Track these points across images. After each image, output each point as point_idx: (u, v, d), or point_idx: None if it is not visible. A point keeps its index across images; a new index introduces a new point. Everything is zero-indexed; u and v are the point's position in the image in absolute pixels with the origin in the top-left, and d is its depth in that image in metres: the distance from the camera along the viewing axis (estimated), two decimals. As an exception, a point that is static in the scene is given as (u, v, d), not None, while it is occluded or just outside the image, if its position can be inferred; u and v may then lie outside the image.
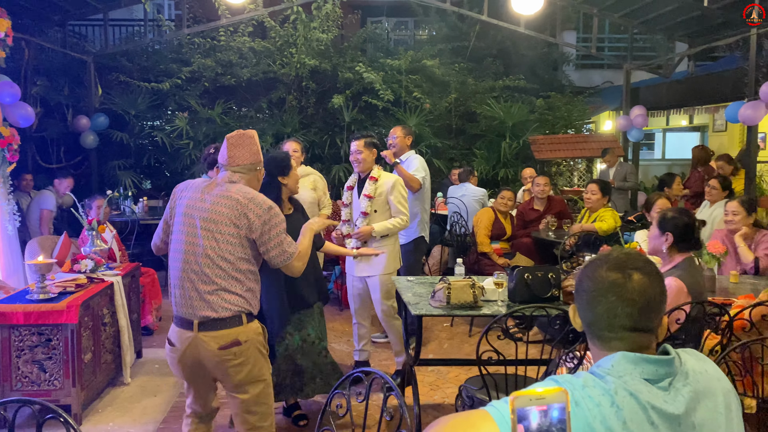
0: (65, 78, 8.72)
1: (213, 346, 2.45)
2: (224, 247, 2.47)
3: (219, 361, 2.47)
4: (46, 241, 5.34)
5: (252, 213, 2.49)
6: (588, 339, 1.42)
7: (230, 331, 2.45)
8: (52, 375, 3.60)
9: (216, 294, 2.45)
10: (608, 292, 1.35)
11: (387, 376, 1.76)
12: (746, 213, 4.22)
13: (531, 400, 1.01)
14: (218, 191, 2.53)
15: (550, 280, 3.43)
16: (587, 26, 12.42)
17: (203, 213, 2.51)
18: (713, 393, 1.36)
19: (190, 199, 2.57)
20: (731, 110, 6.76)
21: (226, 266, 2.46)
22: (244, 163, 2.61)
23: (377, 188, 4.30)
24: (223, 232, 2.47)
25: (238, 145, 2.62)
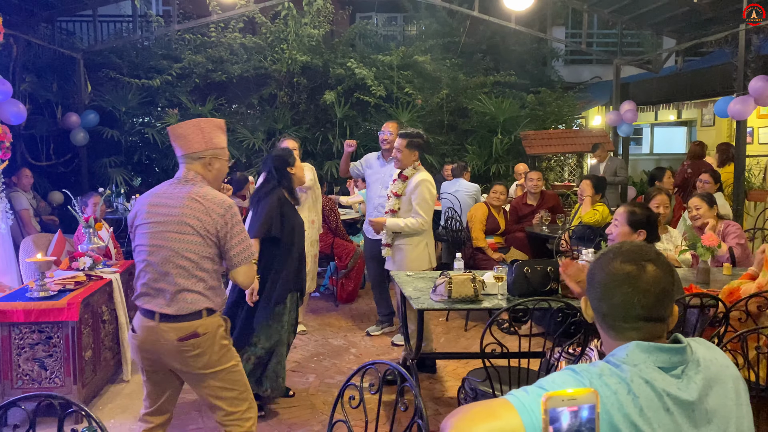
0: (54, 75, 8.65)
1: (172, 336, 2.49)
2: (187, 247, 2.49)
3: (177, 351, 2.51)
4: (40, 239, 5.31)
5: (214, 213, 2.48)
6: (601, 330, 1.45)
7: (190, 324, 2.49)
8: (53, 373, 3.60)
9: (178, 294, 2.48)
10: (623, 283, 1.38)
11: (401, 368, 1.79)
12: (708, 206, 4.34)
13: (563, 400, 1.04)
14: (179, 192, 2.53)
15: (549, 273, 3.47)
16: (576, 22, 12.50)
17: (162, 215, 2.52)
18: (723, 380, 1.40)
19: (152, 204, 2.56)
20: (721, 105, 6.85)
21: (188, 265, 2.49)
22: (187, 152, 2.57)
23: (405, 187, 4.34)
24: (187, 232, 2.48)
25: (178, 135, 2.58)
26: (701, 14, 7.42)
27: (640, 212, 3.18)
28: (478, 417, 1.29)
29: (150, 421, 2.75)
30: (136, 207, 2.64)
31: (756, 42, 6.59)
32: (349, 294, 6.47)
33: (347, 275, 6.44)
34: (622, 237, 3.22)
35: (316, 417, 3.84)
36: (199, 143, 2.57)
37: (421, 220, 4.33)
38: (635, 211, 3.20)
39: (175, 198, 2.52)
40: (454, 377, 4.48)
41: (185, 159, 2.58)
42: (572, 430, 1.04)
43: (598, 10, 8.62)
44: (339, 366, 4.71)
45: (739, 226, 4.47)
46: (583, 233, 5.09)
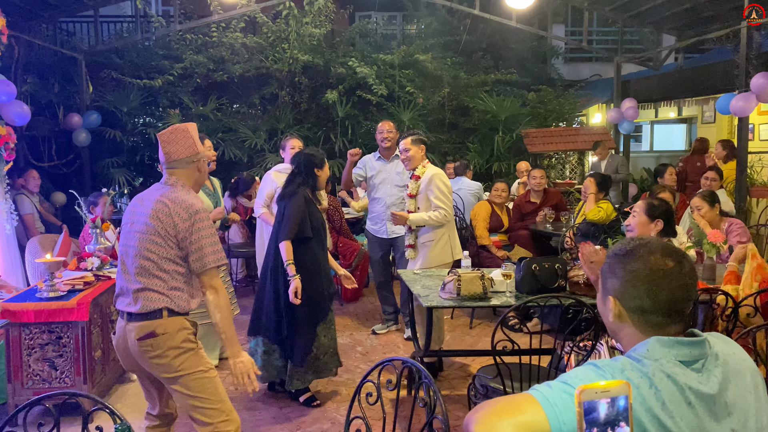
0: (56, 76, 8.65)
1: (133, 336, 2.53)
2: (149, 247, 2.53)
3: (138, 352, 2.53)
4: (46, 239, 5.32)
5: (177, 216, 2.51)
6: (632, 326, 1.42)
7: (148, 323, 2.51)
8: (63, 372, 3.61)
9: (139, 292, 2.52)
10: (669, 278, 1.37)
11: (420, 365, 1.80)
12: (709, 206, 4.38)
13: (596, 393, 1.05)
14: (154, 195, 2.59)
15: (557, 270, 3.49)
16: (575, 19, 12.51)
17: (136, 216, 2.60)
18: (742, 373, 1.42)
19: (131, 206, 2.67)
20: (722, 102, 6.87)
21: (148, 265, 2.52)
22: (180, 158, 2.62)
23: (419, 186, 4.36)
24: (149, 232, 2.53)
25: (171, 141, 2.62)
26: (702, 11, 7.44)
27: (659, 204, 3.25)
28: (503, 411, 1.30)
29: (153, 419, 2.79)
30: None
31: (758, 39, 6.61)
32: (354, 293, 6.48)
33: (352, 274, 6.45)
34: (640, 227, 3.26)
35: (326, 415, 3.86)
36: (190, 147, 2.64)
37: (443, 212, 4.37)
38: (653, 203, 3.26)
39: (147, 200, 2.59)
40: (461, 375, 4.50)
41: (174, 164, 2.63)
42: (609, 419, 1.05)
43: (598, 7, 8.64)
44: (346, 364, 4.71)
45: (742, 225, 4.49)
46: (587, 230, 5.11)
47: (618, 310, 1.43)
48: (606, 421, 1.05)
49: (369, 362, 4.77)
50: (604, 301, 1.50)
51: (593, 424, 1.06)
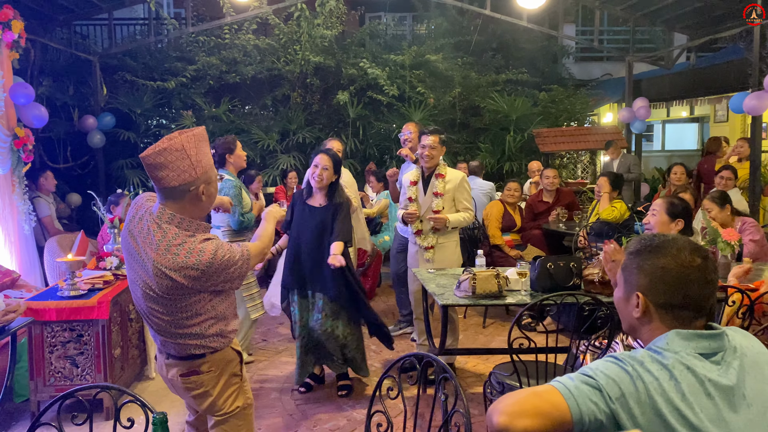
0: (70, 78, 8.75)
1: (174, 372, 2.31)
2: (168, 309, 2.18)
3: (182, 387, 2.33)
4: (64, 239, 5.40)
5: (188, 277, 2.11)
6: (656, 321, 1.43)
7: (191, 363, 2.28)
8: (84, 370, 3.67)
9: (176, 341, 2.24)
10: (699, 275, 1.40)
11: (441, 360, 1.83)
12: (719, 208, 4.38)
13: None
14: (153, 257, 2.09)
15: (572, 269, 3.51)
16: (586, 19, 12.49)
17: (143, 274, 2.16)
18: (760, 366, 1.44)
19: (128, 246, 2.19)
20: (736, 101, 6.85)
21: (167, 325, 2.21)
22: (171, 186, 2.08)
23: (445, 185, 4.35)
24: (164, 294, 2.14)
25: (158, 166, 2.07)
26: (714, 10, 7.42)
27: (679, 203, 3.25)
28: (525, 402, 1.33)
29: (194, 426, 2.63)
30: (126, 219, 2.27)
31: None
32: (366, 293, 6.51)
33: (364, 273, 6.49)
34: (660, 226, 3.27)
35: (341, 413, 3.90)
36: (187, 171, 2.09)
37: (472, 213, 4.44)
38: (674, 201, 3.26)
39: (145, 254, 2.11)
40: (475, 373, 4.52)
41: (168, 194, 2.11)
42: None
43: (609, 7, 8.63)
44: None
45: (755, 223, 4.49)
46: (601, 230, 5.12)
47: (645, 305, 1.44)
48: None
49: (382, 361, 4.80)
50: (627, 297, 1.50)
51: None
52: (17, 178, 5.57)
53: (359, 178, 8.86)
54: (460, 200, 4.37)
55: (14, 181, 5.51)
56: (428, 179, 4.39)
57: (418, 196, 4.42)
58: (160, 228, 2.09)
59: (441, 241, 4.38)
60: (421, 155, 4.35)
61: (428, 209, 4.36)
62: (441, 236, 4.38)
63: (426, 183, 4.39)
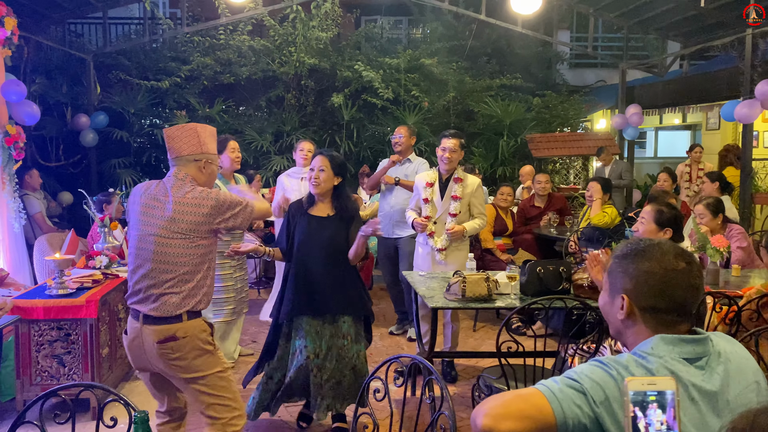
0: (64, 76, 8.72)
1: (152, 339, 2.51)
2: (177, 251, 2.52)
3: (158, 354, 2.51)
4: (53, 238, 5.37)
5: (201, 208, 2.54)
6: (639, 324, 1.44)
7: (168, 327, 2.50)
8: (71, 369, 3.65)
9: (162, 296, 2.50)
10: (683, 278, 1.41)
11: (427, 362, 1.83)
12: (711, 215, 4.39)
13: (642, 384, 1.10)
14: (172, 198, 2.55)
15: (562, 273, 3.52)
16: (580, 25, 12.55)
17: (152, 218, 2.56)
18: (744, 371, 1.45)
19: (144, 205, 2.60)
20: (727, 109, 6.90)
21: (168, 267, 2.52)
22: (182, 155, 2.61)
23: (464, 189, 4.36)
24: (169, 235, 2.51)
25: (175, 137, 2.63)
26: (707, 19, 7.47)
27: (668, 211, 3.24)
28: (510, 405, 1.33)
29: (163, 415, 2.81)
30: (132, 197, 2.69)
31: (762, 46, 6.64)
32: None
33: (356, 276, 6.47)
34: (648, 235, 3.27)
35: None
36: (195, 146, 2.62)
37: (485, 218, 4.49)
38: (662, 210, 3.26)
39: (162, 199, 2.56)
40: (464, 376, 4.52)
41: (179, 161, 2.62)
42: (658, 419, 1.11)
43: (603, 14, 8.68)
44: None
45: (742, 230, 4.50)
46: (591, 235, 5.14)
47: (629, 308, 1.45)
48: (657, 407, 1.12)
49: (373, 363, 4.74)
50: (612, 300, 1.51)
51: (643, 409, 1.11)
52: (7, 176, 5.54)
53: (353, 180, 8.87)
54: (475, 205, 4.40)
55: (4, 179, 5.48)
56: (446, 182, 4.39)
57: (434, 199, 4.41)
58: (177, 180, 2.59)
59: (455, 245, 4.41)
60: (441, 158, 4.35)
61: (445, 212, 4.38)
62: (456, 241, 4.40)
63: (443, 186, 4.40)
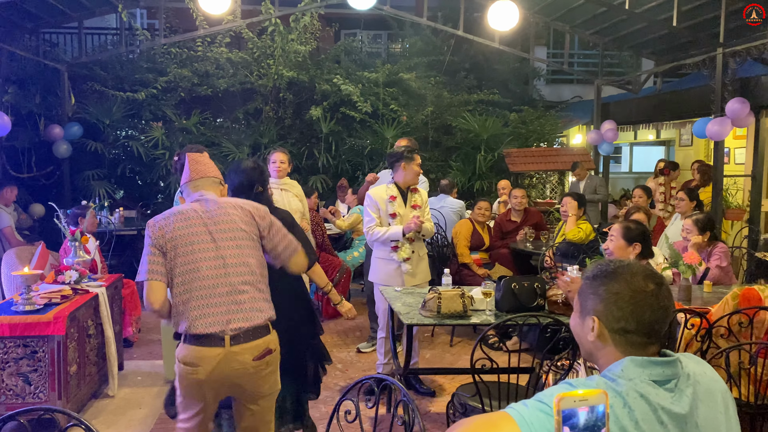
0: (37, 86, 8.59)
1: (247, 358, 2.40)
2: (247, 252, 2.49)
3: (253, 372, 2.43)
4: (23, 252, 5.25)
5: (256, 215, 2.57)
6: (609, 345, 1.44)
7: (263, 341, 2.44)
8: (37, 387, 3.55)
9: (250, 303, 2.44)
10: (653, 300, 1.41)
11: (398, 383, 1.81)
12: (698, 231, 4.43)
13: (575, 401, 1.08)
14: (216, 206, 2.53)
15: (536, 289, 3.53)
16: (557, 42, 12.73)
17: (216, 225, 2.48)
18: (713, 393, 1.45)
19: (189, 219, 2.47)
20: (699, 126, 7.02)
21: (253, 272, 2.48)
22: (208, 176, 2.63)
23: (421, 198, 4.49)
24: (241, 238, 2.49)
25: (199, 162, 2.66)
26: (679, 37, 7.62)
27: (635, 227, 3.29)
28: (478, 429, 1.32)
29: None
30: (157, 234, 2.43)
31: (733, 65, 6.78)
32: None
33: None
34: (618, 251, 3.31)
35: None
36: (216, 171, 2.71)
37: (434, 226, 4.58)
38: (630, 226, 3.30)
39: (216, 209, 2.52)
40: (441, 393, 4.50)
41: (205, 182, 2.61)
42: (589, 425, 1.08)
43: (579, 31, 8.81)
44: (325, 382, 4.67)
45: (726, 249, 4.50)
46: (567, 250, 5.16)
47: (600, 330, 1.45)
48: (585, 426, 1.08)
49: (349, 380, 4.75)
50: (582, 322, 1.51)
51: (575, 428, 1.08)
52: (-24, 188, 5.42)
53: (331, 193, 8.85)
54: (425, 211, 4.52)
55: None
56: (404, 194, 4.46)
57: (400, 212, 4.44)
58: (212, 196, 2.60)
59: (421, 253, 4.44)
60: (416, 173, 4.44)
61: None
62: (414, 247, 4.40)
63: (404, 198, 4.45)
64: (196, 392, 2.44)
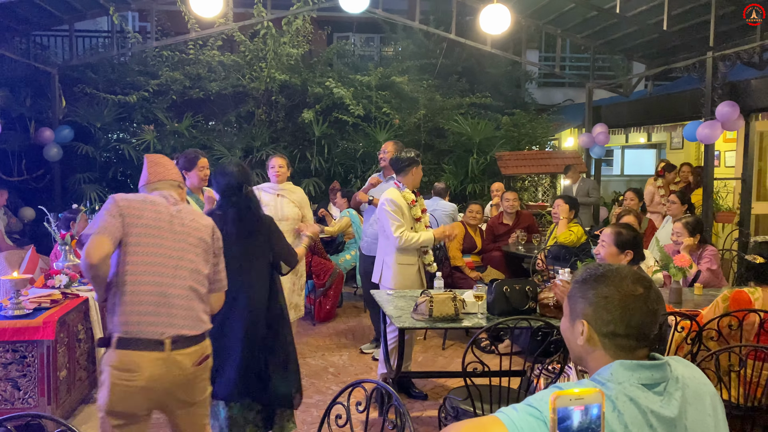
0: (28, 89, 8.55)
1: (187, 363, 2.36)
2: (202, 261, 2.49)
3: (192, 378, 2.41)
4: (12, 256, 5.22)
5: (215, 234, 2.60)
6: (599, 349, 1.44)
7: (200, 346, 2.44)
8: (27, 393, 3.52)
9: (194, 310, 2.42)
10: (641, 304, 1.41)
11: (389, 387, 1.81)
12: (688, 234, 4.44)
13: (570, 400, 1.08)
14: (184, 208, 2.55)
15: (528, 292, 3.53)
16: (549, 46, 12.78)
17: (181, 227, 2.48)
18: (701, 396, 1.46)
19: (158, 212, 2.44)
20: (689, 129, 7.06)
21: (203, 283, 2.49)
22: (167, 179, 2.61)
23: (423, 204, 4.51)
24: (200, 246, 2.50)
25: (158, 163, 2.64)
26: (670, 41, 7.67)
27: (627, 233, 3.28)
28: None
29: None
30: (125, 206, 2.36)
31: (722, 69, 6.82)
32: (327, 313, 6.46)
33: (325, 294, 6.44)
34: (610, 257, 3.31)
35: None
36: (177, 173, 2.67)
37: None
38: (621, 232, 3.30)
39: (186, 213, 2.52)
40: (433, 396, 4.50)
41: (164, 185, 2.59)
42: (582, 427, 1.07)
43: (571, 35, 8.85)
44: (317, 386, 4.69)
45: (716, 252, 4.53)
46: (558, 253, 5.18)
47: (589, 333, 1.45)
48: (580, 429, 1.07)
49: (341, 383, 4.74)
50: (572, 325, 1.52)
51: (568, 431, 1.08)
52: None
53: (323, 196, 8.84)
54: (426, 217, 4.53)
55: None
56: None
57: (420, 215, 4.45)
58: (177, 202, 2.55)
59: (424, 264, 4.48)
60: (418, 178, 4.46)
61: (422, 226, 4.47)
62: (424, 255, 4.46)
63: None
64: (129, 402, 2.29)
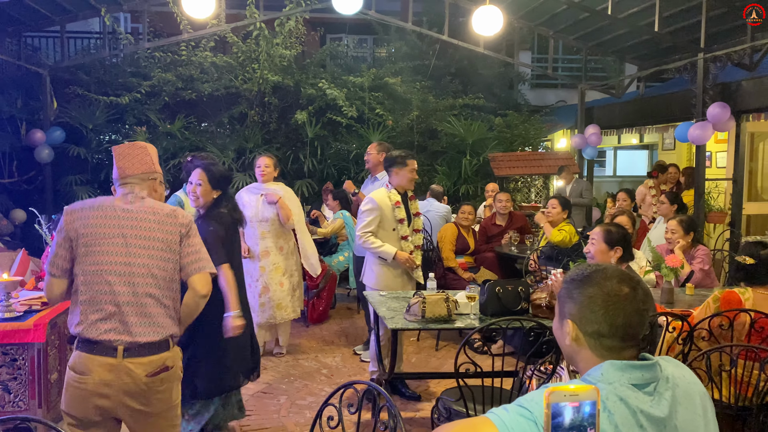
0: (19, 90, 8.50)
1: (140, 373, 2.26)
2: (157, 264, 2.36)
3: (145, 389, 2.29)
4: (3, 258, 5.19)
5: (180, 219, 2.45)
6: (585, 349, 1.45)
7: (159, 357, 2.31)
8: (17, 396, 3.50)
9: (150, 317, 2.31)
10: (625, 303, 1.41)
11: (381, 388, 1.81)
12: (683, 232, 4.47)
13: (565, 396, 1.07)
14: (139, 207, 2.41)
15: (520, 293, 3.54)
16: (542, 47, 12.81)
17: (132, 230, 2.37)
18: (691, 396, 1.46)
19: (106, 218, 2.37)
20: (681, 130, 7.10)
21: (159, 286, 2.35)
22: (136, 173, 2.46)
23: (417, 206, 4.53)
24: (155, 248, 2.37)
25: (126, 156, 2.48)
26: (662, 42, 7.70)
27: (616, 231, 3.32)
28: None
29: None
30: (70, 221, 2.36)
31: (714, 70, 6.86)
32: (320, 314, 6.45)
33: (318, 295, 6.43)
34: (600, 255, 3.33)
35: (288, 439, 3.81)
36: (149, 164, 2.51)
37: None
38: (611, 229, 3.33)
39: (137, 212, 2.39)
40: (426, 397, 4.50)
41: (133, 179, 2.46)
42: (574, 425, 1.07)
43: (563, 36, 8.88)
44: (310, 387, 4.68)
45: (708, 252, 4.57)
46: (551, 253, 5.19)
47: (575, 333, 1.46)
48: (572, 426, 1.07)
49: (334, 385, 4.73)
50: (561, 325, 1.52)
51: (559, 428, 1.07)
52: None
53: (317, 197, 8.83)
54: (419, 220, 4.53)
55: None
56: (405, 197, 4.44)
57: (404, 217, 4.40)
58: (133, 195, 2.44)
59: None
60: (410, 179, 4.38)
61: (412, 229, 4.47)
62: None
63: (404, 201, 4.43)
64: (79, 404, 2.30)
